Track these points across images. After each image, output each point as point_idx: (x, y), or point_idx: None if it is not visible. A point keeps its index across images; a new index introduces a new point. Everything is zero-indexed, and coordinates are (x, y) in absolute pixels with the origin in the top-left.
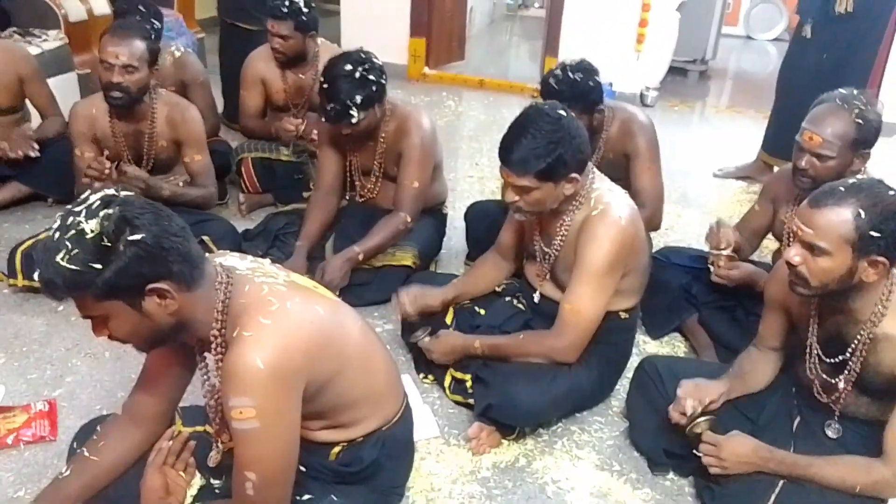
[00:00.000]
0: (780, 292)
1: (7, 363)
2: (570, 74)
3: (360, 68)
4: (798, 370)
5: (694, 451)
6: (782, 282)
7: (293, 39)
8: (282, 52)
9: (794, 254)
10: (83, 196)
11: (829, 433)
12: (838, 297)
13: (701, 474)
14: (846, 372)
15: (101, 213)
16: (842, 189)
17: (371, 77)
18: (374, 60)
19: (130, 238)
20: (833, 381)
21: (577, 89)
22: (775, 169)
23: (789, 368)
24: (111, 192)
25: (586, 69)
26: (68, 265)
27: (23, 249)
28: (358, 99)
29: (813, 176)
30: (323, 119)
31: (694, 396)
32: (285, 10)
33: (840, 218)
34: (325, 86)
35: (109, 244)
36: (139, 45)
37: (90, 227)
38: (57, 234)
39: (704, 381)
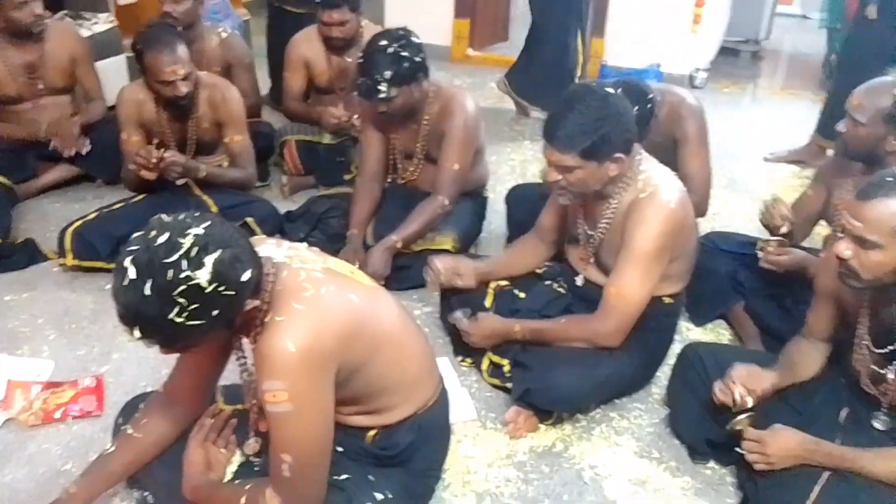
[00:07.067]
0: (832, 282)
1: (57, 339)
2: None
3: (394, 45)
4: (846, 361)
5: (737, 449)
6: (834, 271)
7: (350, 22)
8: (342, 37)
9: (845, 248)
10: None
11: (877, 425)
12: (892, 287)
13: (743, 466)
14: None
15: (208, 260)
16: (890, 179)
17: (405, 54)
18: (413, 38)
19: (243, 280)
20: (882, 371)
21: None
22: (829, 152)
23: (838, 359)
24: (195, 229)
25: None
26: (187, 322)
27: (74, 229)
28: (388, 74)
29: (846, 140)
30: (356, 94)
31: (746, 384)
32: None
33: (890, 210)
34: (361, 60)
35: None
36: (184, 49)
37: (204, 278)
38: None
39: (758, 369)
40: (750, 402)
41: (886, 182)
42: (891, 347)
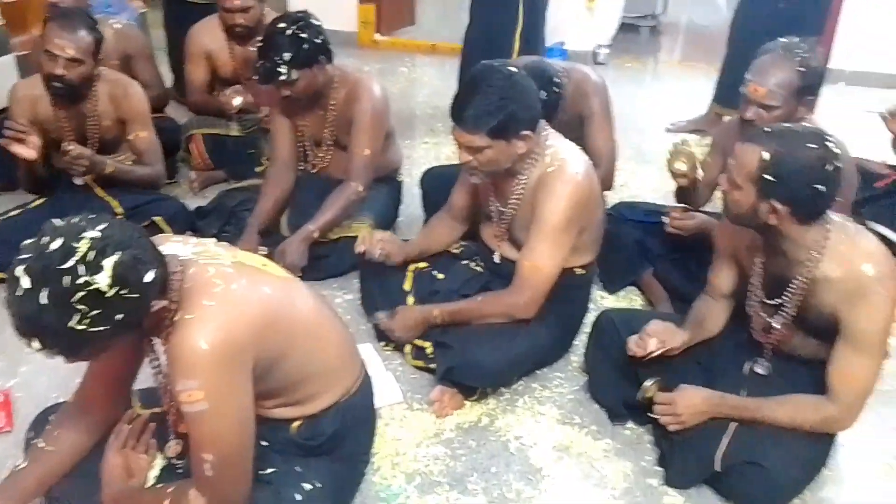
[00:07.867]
0: (729, 241)
1: None
2: None
3: (293, 27)
4: (745, 314)
5: (649, 415)
6: (730, 230)
7: (253, 9)
8: (246, 25)
9: (723, 180)
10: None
11: (759, 370)
12: (773, 239)
13: (658, 425)
14: (781, 312)
15: (107, 263)
16: (768, 131)
17: (304, 35)
18: (312, 21)
19: (147, 281)
20: (770, 320)
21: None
22: (725, 119)
23: (740, 315)
24: (91, 232)
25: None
26: (90, 328)
27: None
28: (286, 56)
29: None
30: (257, 79)
31: (660, 337)
32: None
33: (751, 156)
34: (260, 44)
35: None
36: (86, 38)
37: (104, 282)
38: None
39: (673, 327)
40: (658, 351)
41: (765, 132)
42: (778, 300)
